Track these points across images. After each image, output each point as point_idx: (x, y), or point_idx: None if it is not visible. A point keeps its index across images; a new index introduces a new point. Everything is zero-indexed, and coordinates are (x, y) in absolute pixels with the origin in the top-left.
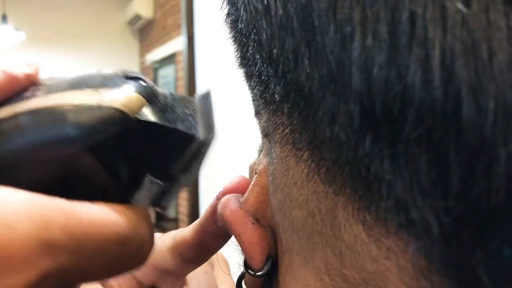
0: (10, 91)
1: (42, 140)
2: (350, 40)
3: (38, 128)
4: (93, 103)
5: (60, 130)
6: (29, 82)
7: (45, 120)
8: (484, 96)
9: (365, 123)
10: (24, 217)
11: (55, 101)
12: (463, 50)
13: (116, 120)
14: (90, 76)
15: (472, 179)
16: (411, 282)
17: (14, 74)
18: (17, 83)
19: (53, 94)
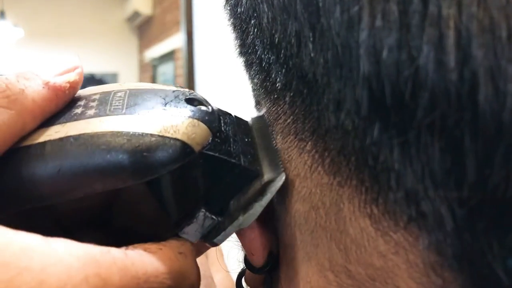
0: (57, 106)
1: (98, 169)
2: (357, 21)
3: (94, 156)
4: (156, 132)
5: (119, 161)
6: (75, 90)
7: (102, 147)
8: (502, 78)
9: (374, 109)
10: (80, 280)
11: (113, 126)
12: (480, 29)
13: (179, 154)
14: (145, 94)
15: (489, 168)
16: (421, 279)
17: (59, 86)
18: (63, 95)
19: (108, 116)
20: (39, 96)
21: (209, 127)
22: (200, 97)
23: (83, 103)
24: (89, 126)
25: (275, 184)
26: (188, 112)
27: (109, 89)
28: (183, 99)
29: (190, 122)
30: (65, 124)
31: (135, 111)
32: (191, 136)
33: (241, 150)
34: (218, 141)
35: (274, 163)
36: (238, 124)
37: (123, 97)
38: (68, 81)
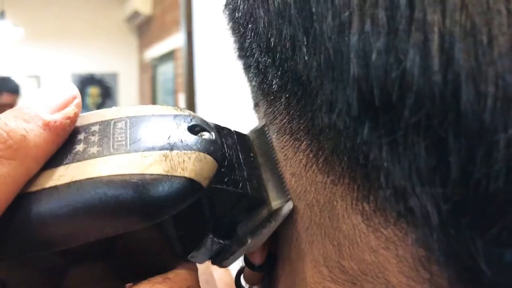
0: (59, 145)
1: (108, 214)
2: (348, 26)
3: (103, 201)
4: (164, 172)
5: (129, 205)
6: (75, 123)
7: (111, 192)
8: (483, 81)
9: (363, 110)
10: None
11: (120, 168)
12: (462, 34)
13: (189, 192)
14: (147, 124)
15: (471, 165)
16: (410, 273)
17: (59, 124)
18: (64, 134)
19: (113, 156)
20: (41, 140)
21: (215, 158)
22: (201, 121)
23: (83, 137)
24: (95, 169)
25: (282, 212)
26: (193, 144)
27: (108, 118)
28: (185, 128)
29: (197, 156)
30: (69, 166)
31: (139, 148)
32: (198, 172)
33: (247, 176)
34: (224, 170)
35: (280, 188)
36: (239, 143)
37: (125, 129)
38: (69, 117)
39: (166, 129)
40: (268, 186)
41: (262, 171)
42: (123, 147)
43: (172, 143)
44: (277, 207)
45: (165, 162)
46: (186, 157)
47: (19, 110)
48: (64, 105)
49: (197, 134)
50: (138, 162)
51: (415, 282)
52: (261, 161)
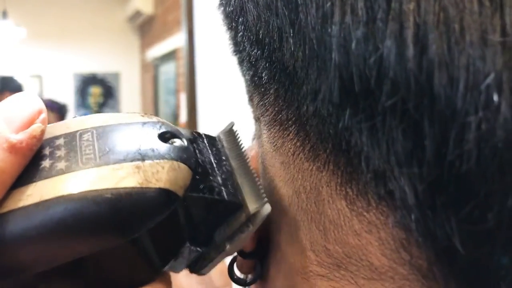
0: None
1: (82, 233)
2: (330, 17)
3: (76, 220)
4: (138, 185)
5: (104, 222)
6: (41, 141)
7: (83, 210)
8: (456, 67)
9: (345, 97)
10: None
11: (90, 184)
12: (436, 23)
13: (165, 203)
14: (114, 134)
15: (445, 146)
16: (392, 255)
17: (25, 145)
18: (30, 153)
19: (82, 170)
20: (7, 165)
21: (189, 165)
22: (170, 128)
23: (48, 152)
24: (65, 186)
25: (260, 215)
26: (166, 153)
27: (73, 129)
28: (156, 136)
29: (171, 165)
30: (36, 184)
31: (109, 160)
32: (173, 181)
33: (221, 181)
34: (198, 177)
35: (256, 191)
36: (210, 147)
37: (92, 141)
38: (35, 135)
39: (136, 138)
40: (244, 189)
41: (236, 175)
42: (92, 160)
43: (143, 152)
44: (255, 211)
45: (138, 173)
46: (159, 167)
47: None
48: (29, 121)
49: (168, 142)
50: (110, 176)
51: (397, 264)
52: (233, 164)
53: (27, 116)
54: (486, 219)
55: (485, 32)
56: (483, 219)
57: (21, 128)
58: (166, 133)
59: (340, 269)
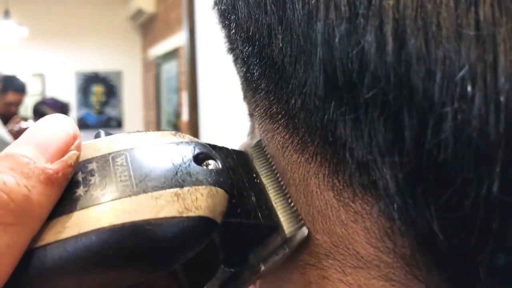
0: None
1: (123, 266)
2: (315, 13)
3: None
4: (178, 214)
5: (145, 254)
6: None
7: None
8: (433, 61)
9: (329, 90)
10: None
11: (130, 215)
12: (414, 18)
13: (206, 231)
14: (149, 157)
15: (423, 136)
16: (377, 244)
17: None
18: (66, 182)
19: (120, 200)
20: (45, 198)
21: (226, 190)
22: (203, 148)
23: (81, 178)
24: (103, 218)
25: (296, 239)
26: (203, 178)
27: (104, 152)
28: (191, 159)
29: (209, 192)
30: (73, 215)
31: (147, 188)
32: (212, 208)
33: (255, 202)
34: (235, 201)
35: (290, 212)
36: (240, 164)
37: (127, 165)
38: (71, 164)
39: (171, 162)
40: (278, 209)
41: (269, 193)
42: (129, 187)
43: (181, 178)
44: (291, 235)
45: (178, 202)
46: (198, 194)
47: (15, 160)
48: (64, 149)
49: (203, 164)
50: (149, 205)
51: (382, 252)
52: (265, 181)
53: (62, 142)
54: (463, 206)
55: (460, 26)
56: (460, 206)
57: (56, 156)
58: (201, 154)
59: (328, 258)
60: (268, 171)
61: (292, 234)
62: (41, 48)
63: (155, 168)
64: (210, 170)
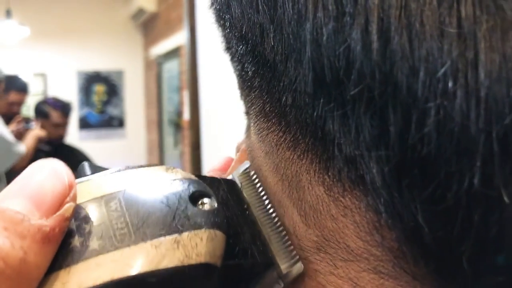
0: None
1: None
2: (304, 13)
3: None
4: (180, 263)
5: None
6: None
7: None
8: (416, 58)
9: (318, 87)
10: None
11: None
12: (398, 16)
13: (207, 277)
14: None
15: (407, 131)
16: (366, 237)
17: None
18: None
19: (119, 250)
20: (42, 258)
21: (223, 231)
22: (197, 184)
23: (75, 226)
24: (103, 272)
25: (291, 274)
26: (201, 222)
27: (95, 195)
28: (187, 200)
29: (208, 236)
30: (70, 269)
31: (146, 236)
32: (212, 253)
33: (250, 238)
34: (231, 241)
35: (284, 247)
36: (230, 195)
37: (121, 211)
38: (67, 217)
39: (168, 205)
40: (272, 244)
41: (261, 227)
42: (128, 237)
43: (179, 223)
44: (287, 271)
45: (178, 250)
46: (198, 239)
47: (8, 217)
48: (60, 201)
49: (198, 203)
50: (149, 255)
51: (371, 246)
52: (255, 213)
53: (58, 193)
54: (446, 199)
55: (443, 24)
56: (444, 199)
57: (52, 209)
58: (196, 192)
59: (319, 252)
60: (258, 201)
61: (288, 270)
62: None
63: (151, 213)
64: (207, 212)
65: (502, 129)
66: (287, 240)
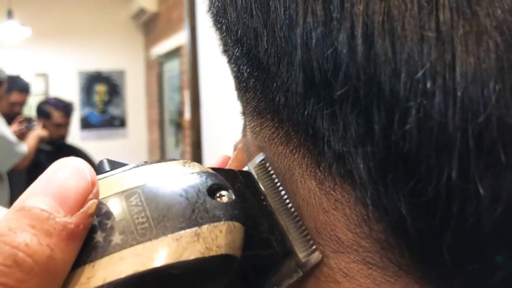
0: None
1: None
2: (295, 18)
3: None
4: (200, 255)
5: None
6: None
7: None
8: (398, 61)
9: (308, 88)
10: None
11: (153, 261)
12: (381, 22)
13: (228, 268)
14: (164, 195)
15: (390, 128)
16: (356, 229)
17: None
18: (86, 233)
19: (141, 244)
20: (67, 255)
21: (241, 223)
22: (214, 177)
23: (97, 222)
24: (127, 266)
25: (310, 263)
26: (220, 214)
27: (116, 190)
28: (205, 193)
29: (227, 228)
30: (95, 264)
31: (167, 229)
32: (232, 245)
33: (268, 227)
34: (250, 232)
35: (302, 235)
36: (247, 186)
37: (142, 205)
38: (91, 214)
39: (187, 198)
40: (290, 233)
41: (278, 216)
42: (149, 231)
43: (199, 216)
44: (305, 260)
45: (198, 242)
46: (217, 231)
47: (34, 215)
48: (83, 198)
49: (216, 195)
50: (171, 248)
51: (360, 237)
52: (272, 203)
53: (81, 191)
54: (427, 192)
55: (423, 29)
56: (425, 192)
57: (76, 207)
58: (213, 186)
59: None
60: (274, 192)
61: (306, 258)
62: (44, 48)
63: (171, 207)
64: (225, 204)
65: (477, 126)
66: (304, 230)
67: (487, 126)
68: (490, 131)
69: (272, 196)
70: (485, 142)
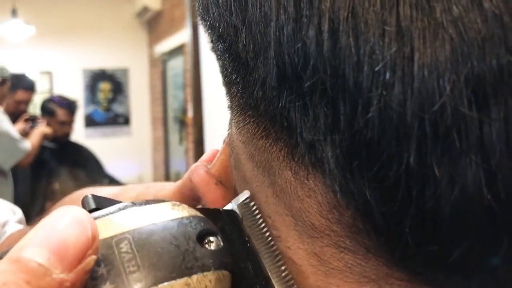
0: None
1: None
2: (269, 15)
3: None
4: None
5: None
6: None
7: None
8: (361, 54)
9: (281, 81)
10: None
11: None
12: (346, 18)
13: None
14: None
15: (354, 118)
16: (328, 215)
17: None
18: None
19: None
20: None
21: (230, 271)
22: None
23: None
24: None
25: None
26: (209, 263)
27: (105, 235)
28: (195, 240)
29: (216, 277)
30: None
31: (157, 279)
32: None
33: (252, 272)
34: (237, 279)
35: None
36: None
37: (132, 253)
38: (88, 270)
39: (177, 246)
40: (274, 279)
41: (262, 259)
42: (139, 280)
43: (189, 265)
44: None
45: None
46: (207, 281)
47: (30, 270)
48: (82, 253)
49: (204, 242)
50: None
51: (331, 223)
52: (256, 245)
53: (81, 246)
54: (388, 177)
55: (384, 23)
56: (387, 177)
57: (75, 263)
58: (202, 231)
59: (290, 230)
60: (258, 233)
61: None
62: (48, 46)
63: (162, 255)
64: (214, 252)
65: (433, 114)
66: (287, 275)
67: (442, 114)
68: (445, 119)
69: (257, 237)
70: (440, 129)
